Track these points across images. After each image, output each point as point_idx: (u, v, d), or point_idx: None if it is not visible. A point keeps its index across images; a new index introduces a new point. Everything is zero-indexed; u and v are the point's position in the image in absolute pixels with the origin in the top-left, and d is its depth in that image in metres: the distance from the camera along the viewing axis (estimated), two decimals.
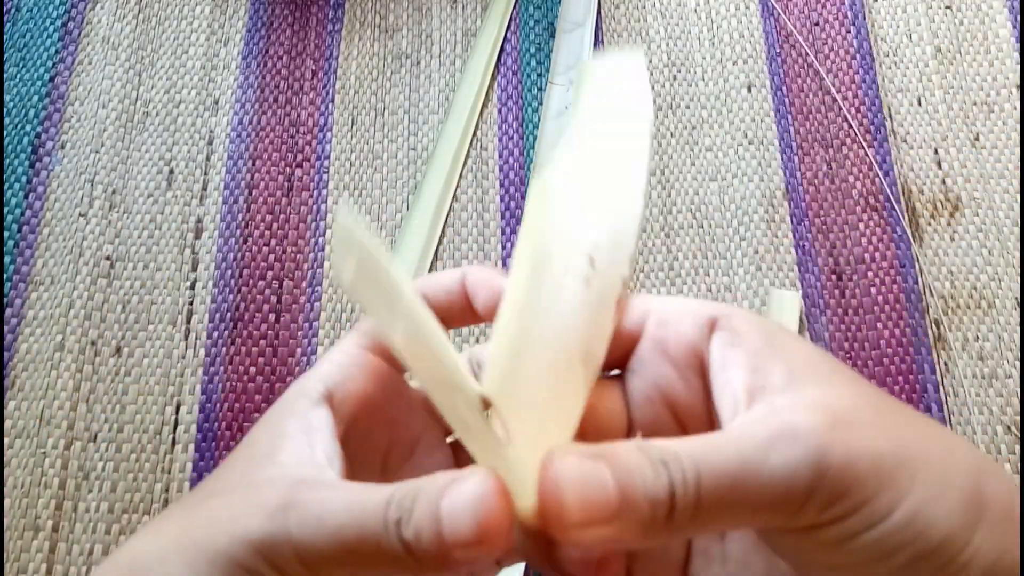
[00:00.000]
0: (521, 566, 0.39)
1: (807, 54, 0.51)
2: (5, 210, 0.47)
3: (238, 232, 0.47)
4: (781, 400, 0.18)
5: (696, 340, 0.20)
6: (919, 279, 0.45)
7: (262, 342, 0.45)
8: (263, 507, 0.18)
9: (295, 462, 0.19)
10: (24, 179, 0.48)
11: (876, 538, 0.17)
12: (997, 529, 0.17)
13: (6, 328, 0.45)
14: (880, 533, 0.17)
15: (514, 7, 0.53)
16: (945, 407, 0.43)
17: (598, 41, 0.52)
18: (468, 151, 0.49)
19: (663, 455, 0.17)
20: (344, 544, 0.17)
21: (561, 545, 0.19)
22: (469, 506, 0.17)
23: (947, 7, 0.51)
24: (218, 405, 0.44)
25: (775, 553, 0.20)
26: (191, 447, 0.43)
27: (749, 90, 0.50)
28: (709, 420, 0.21)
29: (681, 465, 0.17)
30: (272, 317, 0.45)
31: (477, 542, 0.17)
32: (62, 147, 0.49)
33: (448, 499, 0.17)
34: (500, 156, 0.49)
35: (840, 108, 0.49)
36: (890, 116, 0.49)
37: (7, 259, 0.46)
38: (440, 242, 0.47)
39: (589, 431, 0.20)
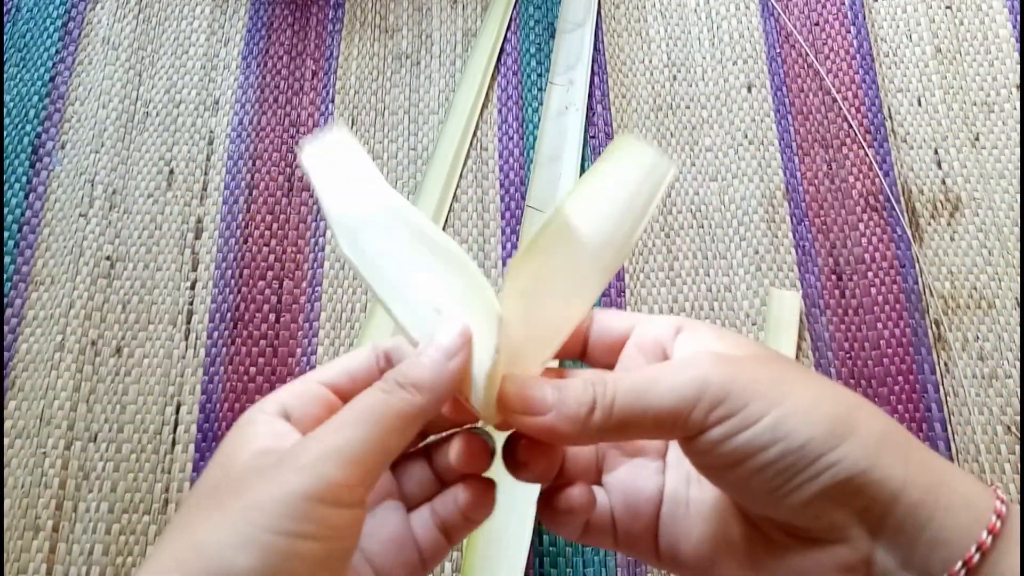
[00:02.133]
0: (522, 565, 0.39)
1: (807, 54, 0.51)
2: (5, 210, 0.47)
3: (238, 232, 0.47)
4: (691, 350, 0.25)
5: (663, 338, 0.26)
6: (919, 279, 0.45)
7: (262, 342, 0.45)
8: (296, 467, 0.21)
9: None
10: (24, 179, 0.48)
11: (749, 438, 0.22)
12: (868, 447, 0.22)
13: (6, 328, 0.45)
14: (753, 433, 0.22)
15: (514, 7, 0.53)
16: (945, 407, 0.43)
17: (598, 41, 0.52)
18: (468, 151, 0.49)
19: (592, 378, 0.24)
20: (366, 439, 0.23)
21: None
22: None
23: (947, 7, 0.51)
24: (218, 405, 0.44)
25: (694, 466, 0.25)
26: (191, 447, 0.43)
27: (749, 90, 0.50)
28: None
29: (604, 385, 0.23)
30: (272, 317, 0.45)
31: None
32: (62, 147, 0.49)
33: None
34: (500, 156, 0.49)
35: (840, 108, 0.49)
36: (890, 116, 0.49)
37: (7, 259, 0.46)
38: None
39: None
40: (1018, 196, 0.46)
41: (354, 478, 0.21)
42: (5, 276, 0.46)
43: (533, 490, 0.27)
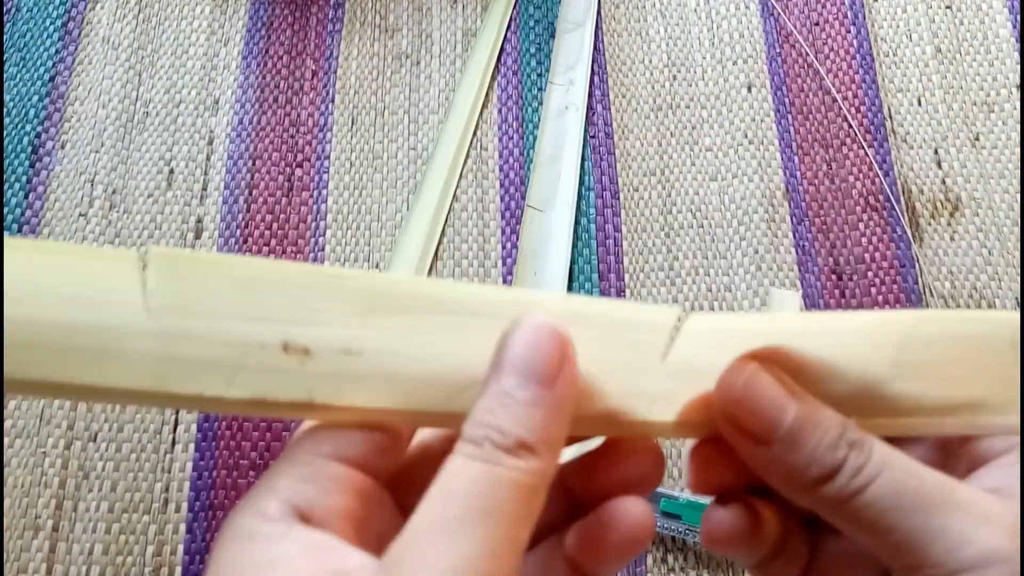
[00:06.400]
0: None
1: (807, 54, 0.51)
2: (5, 210, 0.47)
3: (238, 232, 0.47)
4: (1013, 502, 0.18)
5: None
6: (919, 279, 0.45)
7: None
8: None
9: None
10: (24, 179, 0.48)
11: None
12: None
13: None
14: None
15: (514, 7, 0.53)
16: None
17: (598, 41, 0.52)
18: (468, 151, 0.49)
19: (857, 439, 0.17)
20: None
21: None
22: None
23: (947, 7, 0.51)
24: None
25: None
26: (191, 447, 0.43)
27: (749, 90, 0.50)
28: None
29: (867, 458, 0.17)
30: None
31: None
32: (62, 147, 0.49)
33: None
34: (500, 156, 0.49)
35: (840, 108, 0.49)
36: (890, 116, 0.49)
37: None
38: (440, 242, 0.47)
39: None
40: (1018, 196, 0.46)
41: None
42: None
43: None
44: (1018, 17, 0.51)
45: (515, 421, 0.16)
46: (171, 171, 0.49)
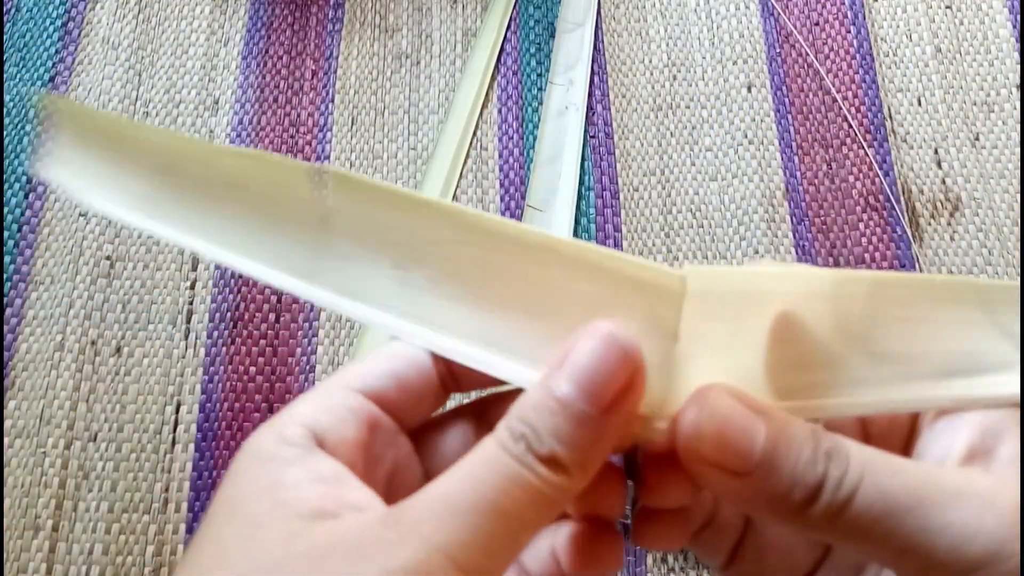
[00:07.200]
0: None
1: (807, 54, 0.51)
2: (5, 210, 0.47)
3: None
4: (1002, 471, 0.16)
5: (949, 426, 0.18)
6: None
7: (262, 342, 0.45)
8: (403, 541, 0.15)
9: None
10: (24, 179, 0.48)
11: None
12: None
13: (6, 328, 0.45)
14: None
15: (514, 7, 0.53)
16: None
17: (598, 41, 0.52)
18: (468, 151, 0.49)
19: (832, 446, 0.16)
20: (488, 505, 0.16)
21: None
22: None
23: (947, 7, 0.51)
24: (218, 405, 0.44)
25: None
26: (191, 447, 0.43)
27: (749, 90, 0.50)
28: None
29: (846, 465, 0.15)
30: (272, 317, 0.45)
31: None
32: None
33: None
34: (500, 156, 0.49)
35: (840, 108, 0.49)
36: (890, 116, 0.49)
37: (7, 259, 0.46)
38: None
39: None
40: (1018, 196, 0.46)
41: None
42: (5, 276, 0.46)
43: None
44: (1018, 17, 0.51)
45: (554, 432, 0.16)
46: None
